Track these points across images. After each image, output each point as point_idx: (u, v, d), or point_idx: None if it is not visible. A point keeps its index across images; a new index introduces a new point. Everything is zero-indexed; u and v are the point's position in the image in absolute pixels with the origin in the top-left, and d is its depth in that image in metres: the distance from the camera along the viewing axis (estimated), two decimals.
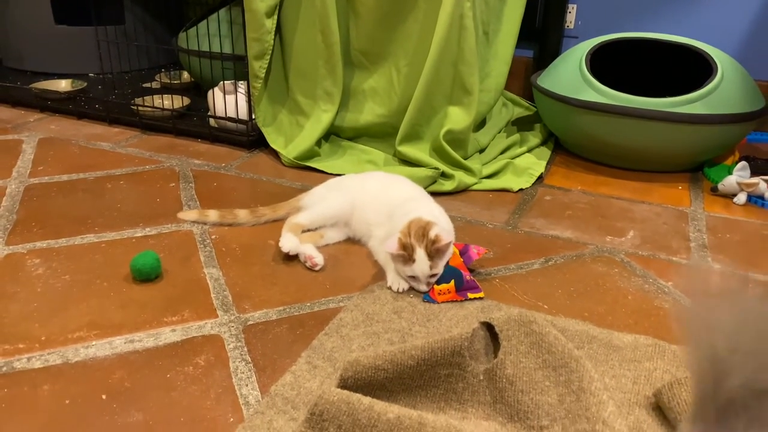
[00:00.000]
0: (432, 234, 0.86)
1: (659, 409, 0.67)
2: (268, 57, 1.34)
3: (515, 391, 0.66)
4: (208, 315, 0.83)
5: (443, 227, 0.90)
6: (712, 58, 1.31)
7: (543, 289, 0.92)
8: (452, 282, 0.87)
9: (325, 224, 1.04)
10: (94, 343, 0.77)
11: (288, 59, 1.40)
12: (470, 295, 0.88)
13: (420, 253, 0.85)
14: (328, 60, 1.34)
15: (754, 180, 1.21)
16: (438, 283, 0.88)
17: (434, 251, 0.86)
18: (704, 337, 0.39)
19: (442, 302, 0.87)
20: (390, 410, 0.61)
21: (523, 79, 1.84)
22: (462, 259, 0.90)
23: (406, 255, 0.86)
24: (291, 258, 0.98)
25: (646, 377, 0.73)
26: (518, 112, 1.72)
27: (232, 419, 0.66)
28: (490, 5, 1.41)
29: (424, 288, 0.88)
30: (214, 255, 0.99)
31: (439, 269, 0.87)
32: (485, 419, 0.66)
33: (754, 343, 0.37)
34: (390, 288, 0.90)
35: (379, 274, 0.94)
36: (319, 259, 0.96)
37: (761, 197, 1.22)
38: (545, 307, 0.88)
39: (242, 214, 1.08)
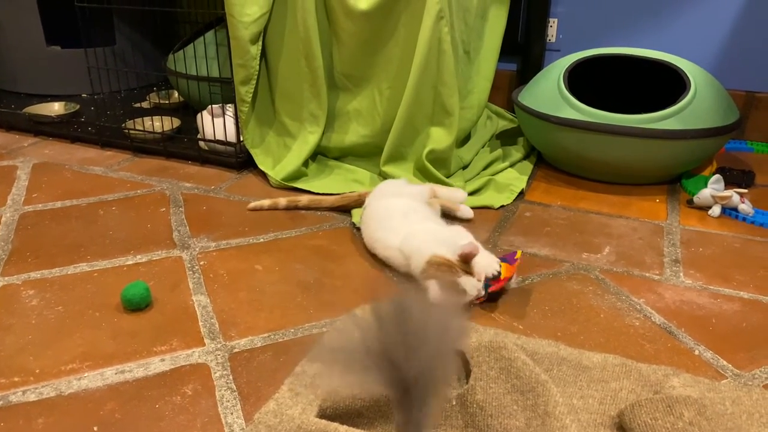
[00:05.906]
0: None
1: (623, 429, 0.71)
2: (254, 82, 1.38)
3: (485, 415, 0.70)
4: (196, 344, 0.87)
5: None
6: (685, 73, 1.35)
7: (518, 309, 0.96)
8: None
9: None
10: (86, 374, 0.81)
11: (274, 83, 1.43)
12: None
13: None
14: (313, 83, 1.37)
15: (727, 193, 1.25)
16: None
17: None
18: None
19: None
20: None
21: (507, 91, 1.88)
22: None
23: None
24: (274, 281, 1.02)
25: (612, 397, 0.76)
26: (503, 124, 1.76)
27: None
28: (470, 25, 1.45)
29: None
30: (203, 281, 1.02)
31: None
32: None
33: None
34: None
35: (362, 298, 0.98)
36: None
37: (735, 209, 1.26)
38: (520, 327, 0.91)
39: (304, 200, 1.29)
